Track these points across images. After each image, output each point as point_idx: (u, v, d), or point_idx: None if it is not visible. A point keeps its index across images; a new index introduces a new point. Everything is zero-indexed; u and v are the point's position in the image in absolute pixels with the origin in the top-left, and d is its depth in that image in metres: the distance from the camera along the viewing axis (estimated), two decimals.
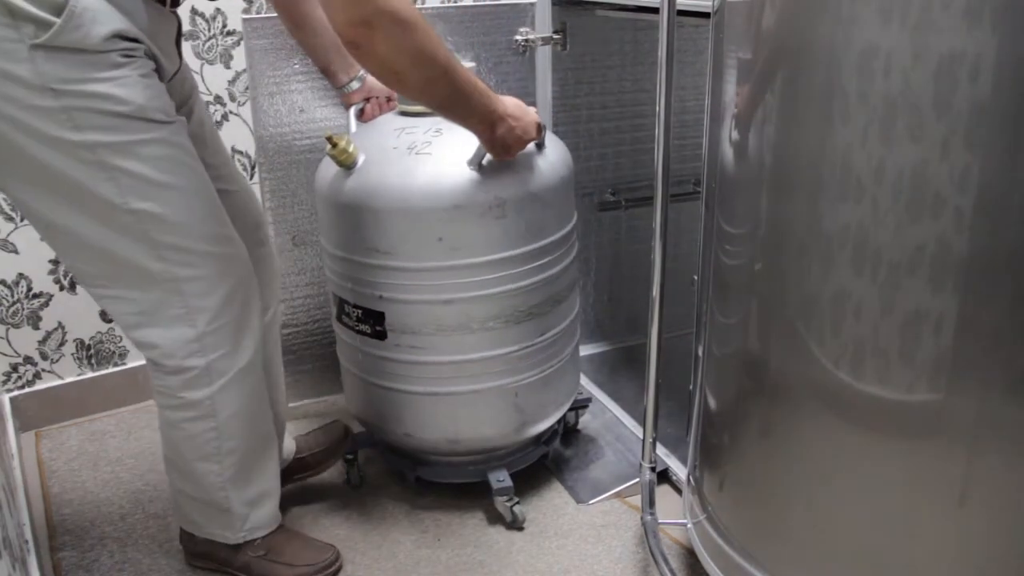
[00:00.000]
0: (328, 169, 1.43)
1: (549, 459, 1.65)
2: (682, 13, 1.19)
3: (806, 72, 0.89)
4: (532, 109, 1.38)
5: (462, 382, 1.44)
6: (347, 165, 1.38)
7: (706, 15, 1.13)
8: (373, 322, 1.42)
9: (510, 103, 1.30)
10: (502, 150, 1.31)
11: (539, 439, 1.61)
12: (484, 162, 1.34)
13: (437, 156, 1.35)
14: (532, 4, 1.74)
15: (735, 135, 1.04)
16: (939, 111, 0.80)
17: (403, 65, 1.12)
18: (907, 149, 0.83)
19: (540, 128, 1.38)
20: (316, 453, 1.58)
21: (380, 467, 1.68)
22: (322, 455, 1.59)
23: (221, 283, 1.20)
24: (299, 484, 1.59)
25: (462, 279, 1.37)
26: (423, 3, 1.99)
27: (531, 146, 1.40)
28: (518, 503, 1.50)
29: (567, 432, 1.74)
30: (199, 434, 1.26)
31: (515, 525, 1.50)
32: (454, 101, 1.21)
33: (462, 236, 1.35)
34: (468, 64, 1.48)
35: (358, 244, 1.39)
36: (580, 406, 1.72)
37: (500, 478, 1.50)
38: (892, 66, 0.82)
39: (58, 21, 0.97)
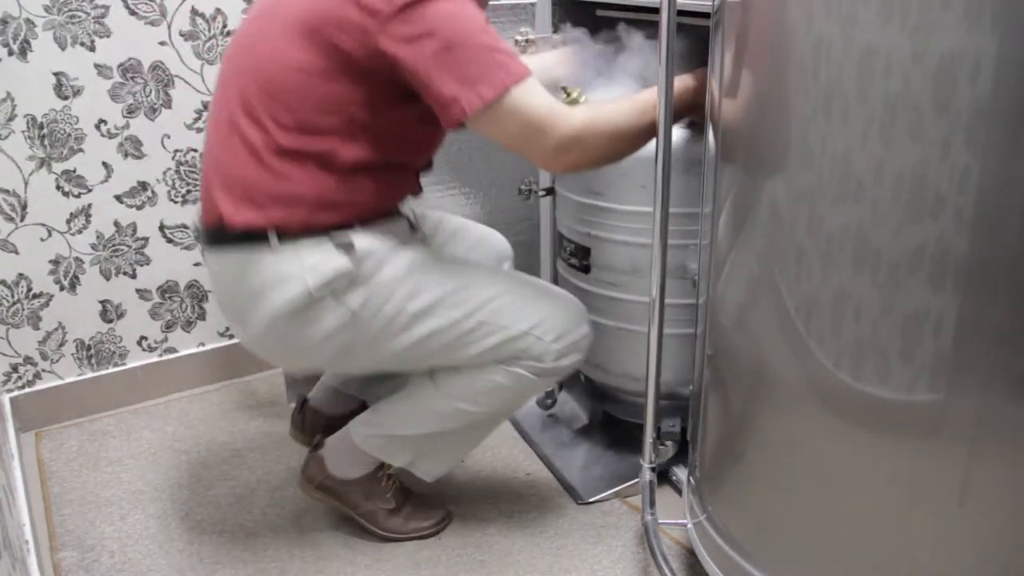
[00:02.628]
0: None
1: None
2: (682, 13, 1.19)
3: (806, 72, 0.89)
4: None
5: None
6: None
7: (706, 15, 1.13)
8: (581, 257, 1.57)
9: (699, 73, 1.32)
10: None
11: None
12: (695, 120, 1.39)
13: None
14: (532, 4, 1.74)
15: (734, 135, 1.04)
16: (939, 111, 0.80)
17: (608, 157, 1.29)
18: (907, 149, 0.83)
19: None
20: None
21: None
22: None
23: (571, 321, 1.38)
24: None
25: None
26: None
27: None
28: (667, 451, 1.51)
29: None
30: (491, 390, 1.36)
31: (656, 465, 1.51)
32: (650, 133, 1.28)
33: None
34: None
35: (576, 184, 1.55)
36: None
37: (672, 423, 1.53)
38: (892, 66, 0.82)
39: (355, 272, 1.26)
